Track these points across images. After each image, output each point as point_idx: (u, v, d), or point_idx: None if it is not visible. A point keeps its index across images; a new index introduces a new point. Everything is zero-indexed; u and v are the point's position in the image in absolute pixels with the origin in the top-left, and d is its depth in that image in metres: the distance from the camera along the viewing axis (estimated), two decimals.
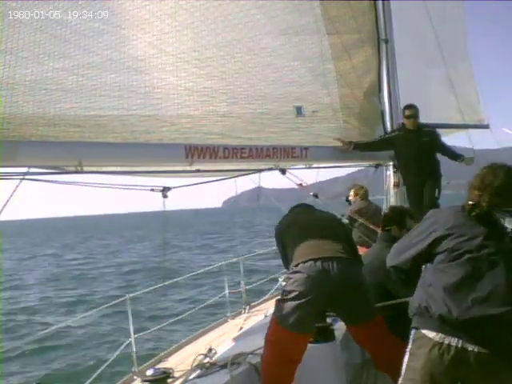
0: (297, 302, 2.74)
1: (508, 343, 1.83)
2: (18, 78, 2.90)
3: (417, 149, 4.96)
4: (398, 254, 2.17)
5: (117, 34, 3.47)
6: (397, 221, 3.70)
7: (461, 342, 1.83)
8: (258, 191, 4.52)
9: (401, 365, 2.89)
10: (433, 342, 1.88)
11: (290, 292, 2.79)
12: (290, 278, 2.86)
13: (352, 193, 5.91)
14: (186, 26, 3.93)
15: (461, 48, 6.95)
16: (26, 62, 2.92)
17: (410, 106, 5.08)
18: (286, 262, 3.17)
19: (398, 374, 2.90)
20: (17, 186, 2.67)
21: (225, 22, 4.20)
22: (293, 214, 3.45)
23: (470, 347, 1.82)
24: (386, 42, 5.40)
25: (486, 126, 6.94)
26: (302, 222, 3.21)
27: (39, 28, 3.01)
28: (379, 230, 4.84)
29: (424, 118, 5.98)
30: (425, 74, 6.52)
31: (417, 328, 1.99)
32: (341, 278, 2.77)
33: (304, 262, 2.82)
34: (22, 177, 2.73)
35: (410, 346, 2.04)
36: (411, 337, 2.03)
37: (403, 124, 5.19)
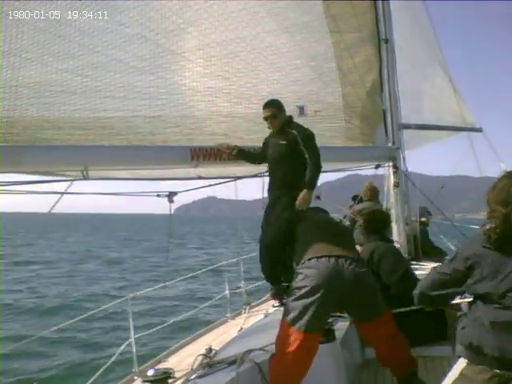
0: (308, 300, 2.70)
1: None
2: (22, 80, 2.81)
3: (272, 154, 3.83)
4: (431, 289, 2.07)
5: (121, 33, 3.39)
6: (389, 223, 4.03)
7: None
8: (262, 189, 4.40)
9: (406, 361, 2.93)
10: (492, 373, 1.84)
11: (301, 288, 2.74)
12: (301, 273, 2.81)
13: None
14: (191, 24, 3.86)
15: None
16: (29, 63, 2.83)
17: (264, 106, 3.89)
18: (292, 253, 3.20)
19: (402, 371, 2.93)
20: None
21: (228, 20, 4.13)
22: (307, 212, 3.49)
23: None
24: (386, 41, 5.37)
25: (479, 130, 6.97)
26: (315, 220, 3.26)
27: (42, 28, 2.92)
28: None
29: (420, 119, 6.00)
30: (423, 75, 6.51)
31: (471, 360, 1.93)
32: (353, 276, 2.77)
33: (318, 258, 2.81)
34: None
35: (460, 368, 1.95)
36: (463, 362, 1.95)
37: None
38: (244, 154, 3.98)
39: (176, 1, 3.77)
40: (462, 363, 1.96)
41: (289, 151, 3.72)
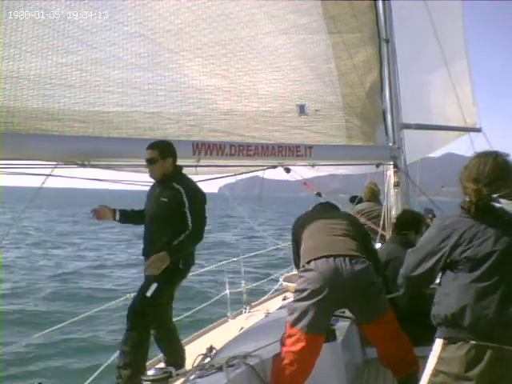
0: (310, 302, 2.70)
1: None
2: (22, 71, 2.89)
3: (149, 210, 3.33)
4: (416, 265, 2.06)
5: (120, 31, 3.47)
6: (415, 226, 3.84)
7: (496, 343, 1.84)
8: (261, 185, 4.38)
9: (408, 361, 2.89)
10: (469, 346, 1.86)
11: (303, 291, 2.75)
12: (302, 277, 2.82)
13: None
14: (188, 24, 3.93)
15: (459, 49, 6.98)
16: (29, 55, 2.92)
17: (148, 146, 3.26)
18: (298, 260, 3.15)
19: (402, 371, 2.89)
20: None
21: (226, 21, 4.20)
22: (312, 211, 3.43)
23: (506, 347, 1.83)
24: (387, 41, 5.39)
25: (478, 130, 6.93)
26: (315, 221, 3.19)
27: (42, 22, 3.01)
28: (380, 230, 4.88)
29: (419, 119, 6.01)
30: (423, 75, 6.54)
31: (447, 338, 1.94)
32: (353, 275, 2.74)
33: (316, 259, 2.80)
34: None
35: (438, 351, 1.96)
36: (440, 343, 1.96)
37: None
38: (128, 217, 3.48)
39: (174, 1, 3.85)
40: (438, 345, 1.97)
41: (168, 212, 3.15)
